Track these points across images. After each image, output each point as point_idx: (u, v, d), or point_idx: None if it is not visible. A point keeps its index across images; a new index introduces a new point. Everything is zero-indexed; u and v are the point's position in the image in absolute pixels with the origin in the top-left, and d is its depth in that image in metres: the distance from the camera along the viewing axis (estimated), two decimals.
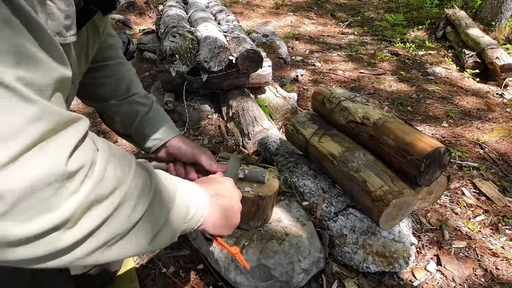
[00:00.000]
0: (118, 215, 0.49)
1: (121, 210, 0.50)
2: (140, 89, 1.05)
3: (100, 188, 0.46)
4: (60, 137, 0.42)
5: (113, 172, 0.49)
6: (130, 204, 0.51)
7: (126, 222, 0.51)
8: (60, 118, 0.42)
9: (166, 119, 1.04)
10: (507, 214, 1.78)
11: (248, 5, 6.39)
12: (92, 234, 0.47)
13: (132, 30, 4.81)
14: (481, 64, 3.62)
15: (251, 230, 1.28)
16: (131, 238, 0.53)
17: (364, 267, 1.35)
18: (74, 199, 0.43)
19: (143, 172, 0.56)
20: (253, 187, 1.21)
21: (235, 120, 2.37)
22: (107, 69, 0.99)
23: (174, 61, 2.30)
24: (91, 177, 0.45)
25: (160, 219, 0.58)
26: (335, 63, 3.83)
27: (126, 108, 1.00)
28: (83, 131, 0.46)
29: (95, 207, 0.46)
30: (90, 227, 0.46)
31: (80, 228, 0.45)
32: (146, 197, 0.54)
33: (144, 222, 0.54)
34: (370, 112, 1.50)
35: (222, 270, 1.24)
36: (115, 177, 0.49)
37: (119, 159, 0.52)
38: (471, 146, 2.40)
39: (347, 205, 1.47)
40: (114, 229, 0.49)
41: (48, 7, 0.49)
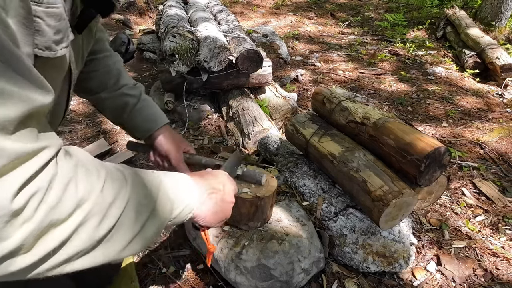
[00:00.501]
0: (79, 235, 0.49)
1: (83, 229, 0.49)
2: (128, 80, 1.10)
3: (56, 213, 0.46)
4: (10, 175, 0.42)
5: (73, 192, 0.48)
6: (94, 221, 0.51)
7: (90, 238, 0.51)
8: (14, 155, 0.42)
9: (154, 109, 1.12)
10: (507, 214, 1.78)
11: (248, 5, 6.39)
12: (48, 256, 0.47)
13: (132, 30, 4.81)
14: (481, 64, 3.61)
15: (251, 230, 1.28)
16: (98, 251, 0.53)
17: (364, 267, 1.35)
18: (26, 227, 0.43)
19: (117, 181, 0.56)
20: (251, 188, 1.21)
21: (235, 120, 2.37)
22: (95, 63, 1.03)
23: (174, 61, 2.30)
24: (45, 202, 0.45)
25: (136, 224, 0.58)
26: (335, 63, 3.83)
27: (116, 101, 1.07)
28: (42, 161, 0.45)
29: (52, 231, 0.46)
30: (45, 250, 0.46)
31: (33, 253, 0.45)
32: (118, 207, 0.54)
33: (114, 234, 0.54)
34: (370, 112, 1.50)
35: (222, 270, 1.24)
36: (75, 198, 0.48)
37: (87, 175, 0.51)
38: (471, 146, 2.40)
39: (347, 205, 1.47)
40: (74, 248, 0.49)
41: (36, 24, 0.50)
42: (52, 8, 0.52)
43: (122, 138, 2.38)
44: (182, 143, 1.14)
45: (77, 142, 2.36)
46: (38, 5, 0.49)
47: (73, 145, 0.56)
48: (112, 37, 3.90)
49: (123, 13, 5.27)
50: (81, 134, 2.45)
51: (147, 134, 1.09)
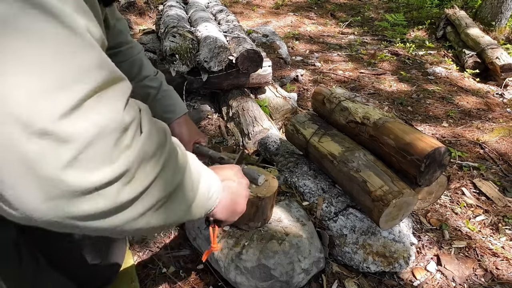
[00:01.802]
0: (163, 176, 0.50)
1: (165, 171, 0.50)
2: (149, 71, 1.15)
3: (148, 145, 0.46)
4: (115, 89, 0.43)
5: (156, 132, 0.49)
6: (171, 167, 0.52)
7: (170, 184, 0.51)
8: (114, 71, 0.44)
9: (172, 101, 1.17)
10: (507, 214, 1.78)
11: (248, 5, 6.39)
12: (144, 192, 0.47)
13: (132, 30, 4.81)
14: (481, 64, 3.61)
15: (251, 230, 1.28)
16: (172, 204, 0.53)
17: (364, 267, 1.35)
18: (129, 153, 0.43)
19: (174, 141, 0.58)
20: (252, 188, 1.21)
21: (235, 120, 2.37)
22: (120, 55, 1.08)
23: (174, 61, 2.30)
24: (141, 133, 0.46)
25: (192, 190, 0.59)
26: (335, 63, 3.83)
27: (139, 91, 1.11)
28: (129, 89, 0.47)
29: (145, 164, 0.46)
30: (143, 184, 0.46)
31: (135, 184, 0.45)
32: (181, 164, 0.55)
33: (181, 190, 0.55)
34: (370, 112, 1.50)
35: (222, 270, 1.24)
36: (157, 137, 0.49)
37: (155, 122, 0.53)
38: (471, 146, 2.40)
39: (347, 205, 1.47)
40: (160, 190, 0.49)
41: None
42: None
43: None
44: (196, 134, 1.19)
45: None
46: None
47: None
48: None
49: (123, 13, 5.27)
50: None
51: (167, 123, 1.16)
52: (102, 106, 0.40)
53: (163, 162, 0.50)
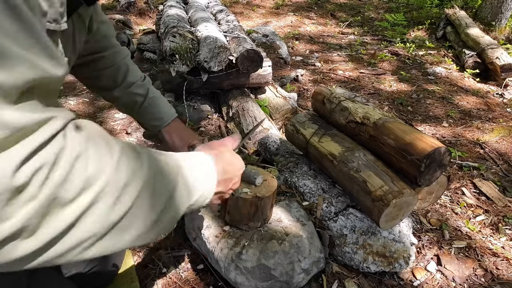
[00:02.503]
0: (89, 217, 0.45)
1: (94, 211, 0.45)
2: (135, 77, 1.13)
3: (63, 191, 0.41)
4: (13, 148, 0.38)
5: (83, 169, 0.43)
6: (107, 202, 0.46)
7: (102, 222, 0.46)
8: (18, 126, 0.38)
9: (159, 108, 1.16)
10: (507, 214, 1.78)
11: (248, 5, 6.39)
12: (55, 241, 0.43)
13: (132, 30, 4.81)
14: (481, 64, 3.61)
15: (251, 230, 1.28)
16: (111, 237, 0.48)
17: (364, 267, 1.35)
18: (29, 206, 0.39)
19: (131, 160, 0.51)
20: (251, 188, 1.21)
21: (235, 120, 2.37)
22: (103, 60, 1.05)
23: (174, 61, 2.30)
24: (51, 179, 0.40)
25: (153, 210, 0.53)
26: (335, 63, 3.83)
27: (125, 98, 1.12)
28: (48, 133, 0.41)
29: (58, 211, 0.42)
30: (50, 234, 0.42)
31: (38, 237, 0.41)
32: (133, 190, 0.49)
33: (130, 219, 0.50)
34: (370, 112, 1.50)
35: (222, 270, 1.24)
36: (84, 175, 0.43)
37: (99, 150, 0.47)
38: (471, 146, 2.40)
39: (347, 205, 1.47)
40: (84, 233, 0.45)
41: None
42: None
43: (121, 137, 2.38)
44: (189, 137, 1.18)
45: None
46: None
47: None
48: None
49: (123, 13, 5.27)
50: None
51: (156, 131, 1.16)
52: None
53: (93, 196, 0.45)
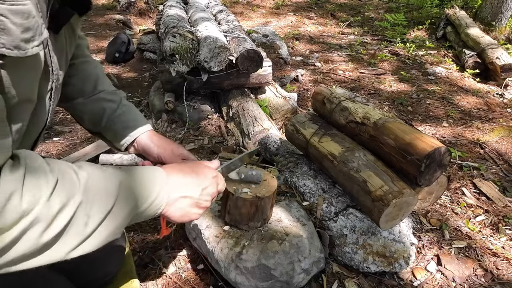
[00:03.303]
0: (22, 241, 0.51)
1: (27, 236, 0.51)
2: (107, 86, 1.03)
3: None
4: None
5: (17, 203, 0.50)
6: (39, 228, 0.52)
7: (34, 244, 0.53)
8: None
9: (135, 115, 1.03)
10: (508, 214, 1.78)
11: (248, 5, 6.39)
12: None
13: (132, 30, 4.81)
14: (481, 64, 3.61)
15: (251, 230, 1.28)
16: (44, 254, 0.55)
17: (364, 267, 1.35)
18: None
19: (67, 186, 0.56)
20: (251, 188, 1.21)
21: (235, 120, 2.37)
22: (72, 69, 0.96)
23: (174, 61, 2.30)
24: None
25: (88, 227, 0.59)
26: (335, 63, 3.83)
27: (93, 106, 0.99)
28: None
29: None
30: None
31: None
32: (67, 213, 0.55)
33: (61, 239, 0.56)
34: (370, 112, 1.50)
35: (222, 270, 1.24)
36: (19, 208, 0.50)
37: (34, 184, 0.52)
38: (471, 146, 2.40)
39: (347, 205, 1.47)
40: (17, 253, 0.52)
41: (0, 23, 0.49)
42: (17, 5, 0.50)
43: None
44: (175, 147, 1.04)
45: (77, 142, 2.36)
46: (0, 3, 0.48)
47: (25, 149, 0.57)
48: (112, 37, 3.90)
49: (123, 13, 5.28)
50: (81, 134, 2.45)
51: (129, 141, 1.00)
52: None
53: (26, 225, 0.51)
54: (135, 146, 1.02)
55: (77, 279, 1.06)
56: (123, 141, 1.00)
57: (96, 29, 4.67)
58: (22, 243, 0.52)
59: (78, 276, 1.08)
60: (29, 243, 0.52)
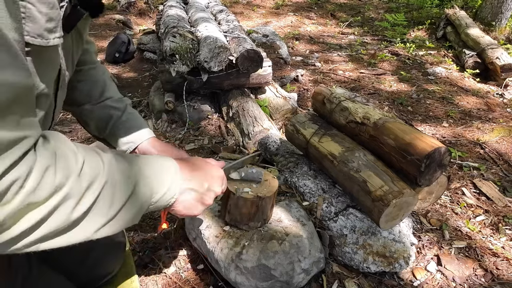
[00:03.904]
0: (55, 216, 0.53)
1: (59, 211, 0.53)
2: (114, 93, 1.06)
3: (34, 197, 0.50)
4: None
5: (51, 178, 0.51)
6: (70, 204, 0.54)
7: (65, 220, 0.55)
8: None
9: (139, 122, 1.07)
10: (508, 214, 1.78)
11: (248, 5, 6.39)
12: (25, 234, 0.52)
13: (132, 30, 4.81)
14: (481, 64, 3.61)
15: (251, 230, 1.28)
16: (73, 231, 0.57)
17: (364, 267, 1.35)
18: (6, 208, 0.47)
19: (93, 166, 0.58)
20: (252, 187, 1.21)
21: (235, 120, 2.37)
22: (80, 74, 0.99)
23: (174, 61, 2.30)
24: (24, 188, 0.48)
25: (112, 208, 0.61)
26: (335, 63, 3.83)
27: (99, 112, 1.03)
28: (22, 151, 0.48)
29: (30, 212, 0.50)
30: (22, 229, 0.51)
31: (12, 231, 0.50)
32: (94, 192, 0.57)
33: (89, 216, 0.58)
34: (370, 112, 1.50)
35: (222, 270, 1.24)
36: (52, 183, 0.52)
37: (64, 161, 0.54)
38: (471, 146, 2.40)
39: (347, 205, 1.47)
40: (50, 228, 0.53)
41: (27, 10, 0.50)
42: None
43: None
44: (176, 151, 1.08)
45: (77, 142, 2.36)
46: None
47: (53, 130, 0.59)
48: (112, 37, 3.90)
49: (123, 13, 5.28)
50: (81, 134, 2.45)
51: (133, 147, 1.04)
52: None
53: (59, 199, 0.53)
54: (137, 152, 1.05)
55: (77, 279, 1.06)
56: (126, 147, 1.04)
57: (96, 29, 4.67)
58: (55, 218, 0.53)
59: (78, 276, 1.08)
60: (61, 218, 0.54)
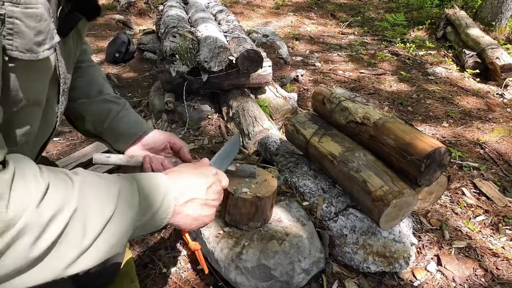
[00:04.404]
0: (10, 255, 0.47)
1: (14, 248, 0.47)
2: (111, 91, 1.05)
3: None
4: None
5: (3, 211, 0.46)
6: (28, 239, 0.47)
7: (23, 258, 0.48)
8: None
9: (138, 117, 1.05)
10: (508, 214, 1.78)
11: (248, 5, 6.39)
12: None
13: (132, 30, 4.81)
14: (481, 64, 3.61)
15: (251, 230, 1.28)
16: (36, 270, 0.50)
17: (364, 267, 1.35)
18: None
19: (60, 192, 0.52)
20: (251, 188, 1.21)
21: (235, 120, 2.37)
22: (78, 71, 0.98)
23: (174, 61, 2.30)
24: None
25: (86, 239, 0.54)
26: (335, 63, 3.83)
27: (98, 106, 0.99)
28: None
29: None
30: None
31: None
32: (60, 222, 0.50)
33: (56, 250, 0.51)
34: (370, 112, 1.50)
35: (222, 270, 1.24)
36: (5, 217, 0.46)
37: (23, 188, 0.48)
38: (472, 146, 2.40)
39: (347, 205, 1.47)
40: (6, 268, 0.47)
41: (15, 26, 0.49)
42: (31, 8, 0.50)
43: None
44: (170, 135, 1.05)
45: (77, 143, 2.36)
46: (15, 6, 0.48)
47: (14, 153, 0.52)
48: (112, 37, 3.90)
49: (123, 13, 5.28)
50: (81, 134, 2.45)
51: (135, 138, 1.01)
52: None
53: (13, 235, 0.46)
54: (142, 142, 1.01)
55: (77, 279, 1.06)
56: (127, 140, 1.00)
57: (96, 29, 4.67)
58: (10, 256, 0.46)
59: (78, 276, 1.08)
60: (18, 256, 0.47)
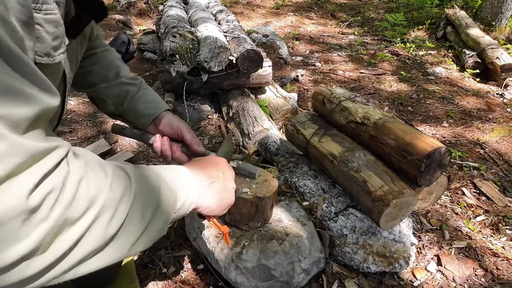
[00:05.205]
0: (92, 232, 0.50)
1: (96, 226, 0.50)
2: (127, 73, 1.10)
3: (71, 211, 0.46)
4: (26, 172, 0.42)
5: (86, 190, 0.49)
6: (106, 217, 0.51)
7: (103, 235, 0.51)
8: (30, 153, 0.42)
9: (155, 96, 1.10)
10: (508, 214, 1.78)
11: (248, 5, 6.39)
12: (64, 256, 0.47)
13: (132, 30, 4.81)
14: (482, 64, 3.61)
15: (251, 230, 1.28)
16: (110, 248, 0.54)
17: (364, 267, 1.35)
18: (43, 226, 0.43)
19: (122, 178, 0.57)
20: (252, 188, 1.21)
21: (235, 120, 2.37)
22: (94, 57, 1.03)
23: (174, 61, 2.30)
24: (61, 201, 0.45)
25: (144, 219, 0.59)
26: (335, 63, 3.83)
27: (116, 89, 1.05)
28: (55, 160, 0.46)
29: (67, 229, 0.47)
30: (62, 249, 0.47)
31: (50, 253, 0.45)
32: (126, 203, 0.55)
33: (124, 230, 0.55)
34: (370, 112, 1.50)
35: (222, 270, 1.24)
36: (87, 195, 0.49)
37: (95, 173, 0.52)
38: (472, 146, 2.40)
39: (348, 205, 1.47)
40: (89, 246, 0.50)
41: (36, 31, 0.50)
42: (50, 14, 0.52)
43: (122, 138, 2.38)
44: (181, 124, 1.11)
45: (78, 142, 2.36)
46: (37, 12, 0.49)
47: (76, 146, 0.56)
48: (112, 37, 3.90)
49: (124, 13, 5.27)
50: (81, 134, 2.45)
51: (152, 118, 1.06)
52: (6, 194, 0.40)
53: (96, 213, 0.50)
54: (156, 122, 1.06)
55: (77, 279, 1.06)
56: (145, 120, 1.06)
57: None
58: (92, 234, 0.50)
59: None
60: (98, 234, 0.51)
